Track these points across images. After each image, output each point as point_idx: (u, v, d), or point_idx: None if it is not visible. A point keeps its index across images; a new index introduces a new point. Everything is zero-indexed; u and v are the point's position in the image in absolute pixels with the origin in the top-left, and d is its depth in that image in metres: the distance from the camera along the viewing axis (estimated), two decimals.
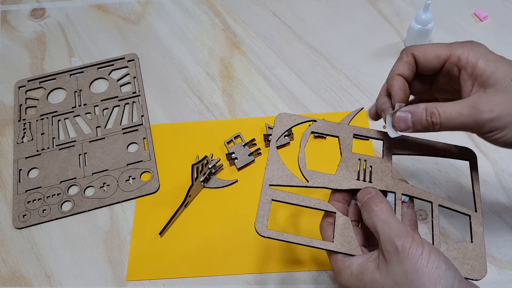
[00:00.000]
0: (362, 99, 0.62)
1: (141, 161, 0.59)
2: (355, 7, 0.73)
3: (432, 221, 0.40)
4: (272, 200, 0.39)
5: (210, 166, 0.56)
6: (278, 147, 0.58)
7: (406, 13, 0.71)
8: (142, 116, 0.63)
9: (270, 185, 0.40)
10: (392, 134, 0.39)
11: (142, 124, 0.62)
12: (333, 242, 0.38)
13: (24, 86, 0.67)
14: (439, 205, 0.40)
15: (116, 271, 0.52)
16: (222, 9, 0.74)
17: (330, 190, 0.41)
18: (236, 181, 0.57)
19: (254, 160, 0.58)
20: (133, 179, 0.58)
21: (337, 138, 0.43)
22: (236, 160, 0.57)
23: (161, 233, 0.53)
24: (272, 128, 0.59)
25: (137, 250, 0.53)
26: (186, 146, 0.60)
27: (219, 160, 0.57)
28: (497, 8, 0.70)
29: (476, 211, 0.40)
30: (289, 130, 0.56)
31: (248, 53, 0.68)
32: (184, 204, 0.54)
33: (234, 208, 0.55)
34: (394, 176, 0.41)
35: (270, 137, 0.58)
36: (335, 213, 0.39)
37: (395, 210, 0.39)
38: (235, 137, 0.59)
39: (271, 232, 0.38)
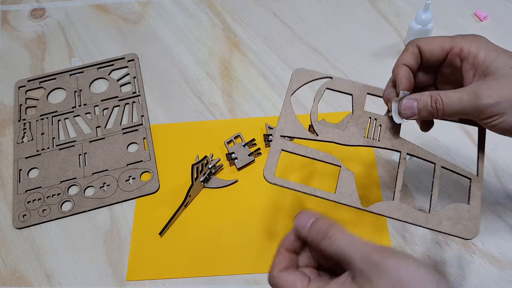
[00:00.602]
0: None
1: (141, 161, 0.59)
2: (355, 7, 0.73)
3: (433, 181, 0.41)
4: (282, 150, 0.40)
5: (210, 166, 0.56)
6: None
7: (406, 13, 0.71)
8: (142, 116, 0.63)
9: (281, 135, 0.40)
10: (398, 120, 0.40)
11: (142, 124, 0.62)
12: (335, 193, 0.39)
13: (24, 86, 0.67)
14: (442, 167, 0.41)
15: (116, 271, 0.52)
16: (222, 9, 0.74)
17: (339, 152, 0.42)
18: (236, 181, 0.57)
19: (254, 160, 0.58)
20: (133, 179, 0.58)
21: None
22: (236, 160, 0.57)
23: (161, 233, 0.53)
24: (272, 128, 0.59)
25: (137, 250, 0.53)
26: (186, 146, 0.60)
27: (219, 160, 0.57)
28: (497, 8, 0.70)
29: (477, 175, 0.41)
30: None
31: (248, 53, 0.68)
32: (184, 204, 0.54)
33: (234, 208, 0.55)
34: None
35: (271, 136, 0.58)
36: (340, 166, 0.40)
37: (398, 168, 0.40)
38: (235, 137, 0.59)
39: (278, 179, 0.39)
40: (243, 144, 0.58)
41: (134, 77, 0.67)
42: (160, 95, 0.65)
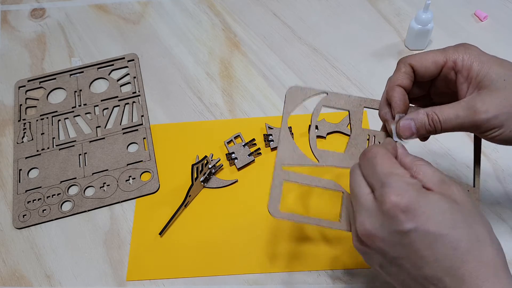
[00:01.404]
0: None
1: (141, 161, 0.59)
2: (355, 7, 0.73)
3: None
4: (284, 180, 0.40)
5: (210, 166, 0.56)
6: (277, 148, 0.58)
7: (406, 13, 0.71)
8: (142, 116, 0.63)
9: (282, 165, 0.40)
10: (396, 138, 0.40)
11: (142, 124, 0.62)
12: (339, 221, 0.39)
13: (24, 86, 0.67)
14: None
15: (116, 271, 0.52)
16: (222, 9, 0.74)
17: (340, 170, 0.42)
18: (236, 181, 0.57)
19: (254, 160, 0.58)
20: (133, 179, 0.58)
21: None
22: (236, 160, 0.57)
23: (161, 233, 0.53)
24: (272, 128, 0.59)
25: (137, 250, 0.53)
26: (186, 146, 0.60)
27: (219, 160, 0.57)
28: (497, 8, 0.70)
29: (474, 186, 0.42)
30: (290, 129, 0.56)
31: (248, 53, 0.68)
32: (184, 204, 0.54)
33: (234, 208, 0.55)
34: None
35: (271, 137, 0.58)
36: (343, 192, 0.40)
37: None
38: (235, 137, 0.59)
39: (283, 214, 0.39)
40: (243, 144, 0.58)
41: (134, 77, 0.67)
42: (160, 95, 0.65)
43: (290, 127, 0.58)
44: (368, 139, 0.42)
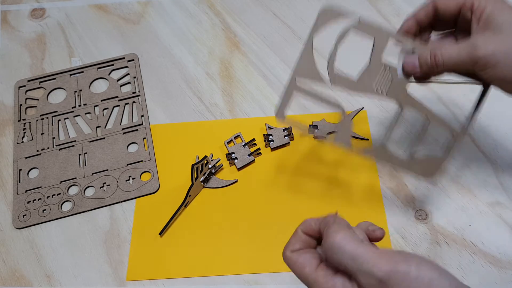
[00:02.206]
0: (362, 99, 0.62)
1: (141, 161, 0.59)
2: (355, 7, 0.72)
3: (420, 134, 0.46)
4: (295, 91, 0.43)
5: (210, 166, 0.56)
6: (277, 148, 0.58)
7: (406, 13, 0.70)
8: (142, 116, 0.63)
9: (296, 77, 0.43)
10: (400, 74, 0.43)
11: (142, 124, 0.62)
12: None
13: (24, 86, 0.67)
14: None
15: (116, 271, 0.52)
16: (222, 9, 0.74)
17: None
18: (236, 181, 0.57)
19: (254, 160, 0.58)
20: (133, 179, 0.58)
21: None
22: (236, 160, 0.57)
23: (161, 233, 0.53)
24: (272, 128, 0.59)
25: (137, 250, 0.53)
26: (186, 146, 0.60)
27: (219, 160, 0.57)
28: None
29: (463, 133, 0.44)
30: (290, 130, 0.56)
31: (248, 53, 0.68)
32: (184, 204, 0.54)
33: (233, 208, 0.55)
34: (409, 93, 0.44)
35: (271, 137, 0.58)
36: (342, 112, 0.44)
37: (394, 128, 0.44)
38: (235, 137, 0.59)
39: (288, 120, 0.43)
40: (243, 144, 0.58)
41: (134, 77, 0.67)
42: (160, 95, 0.65)
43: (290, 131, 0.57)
44: (382, 73, 0.44)
